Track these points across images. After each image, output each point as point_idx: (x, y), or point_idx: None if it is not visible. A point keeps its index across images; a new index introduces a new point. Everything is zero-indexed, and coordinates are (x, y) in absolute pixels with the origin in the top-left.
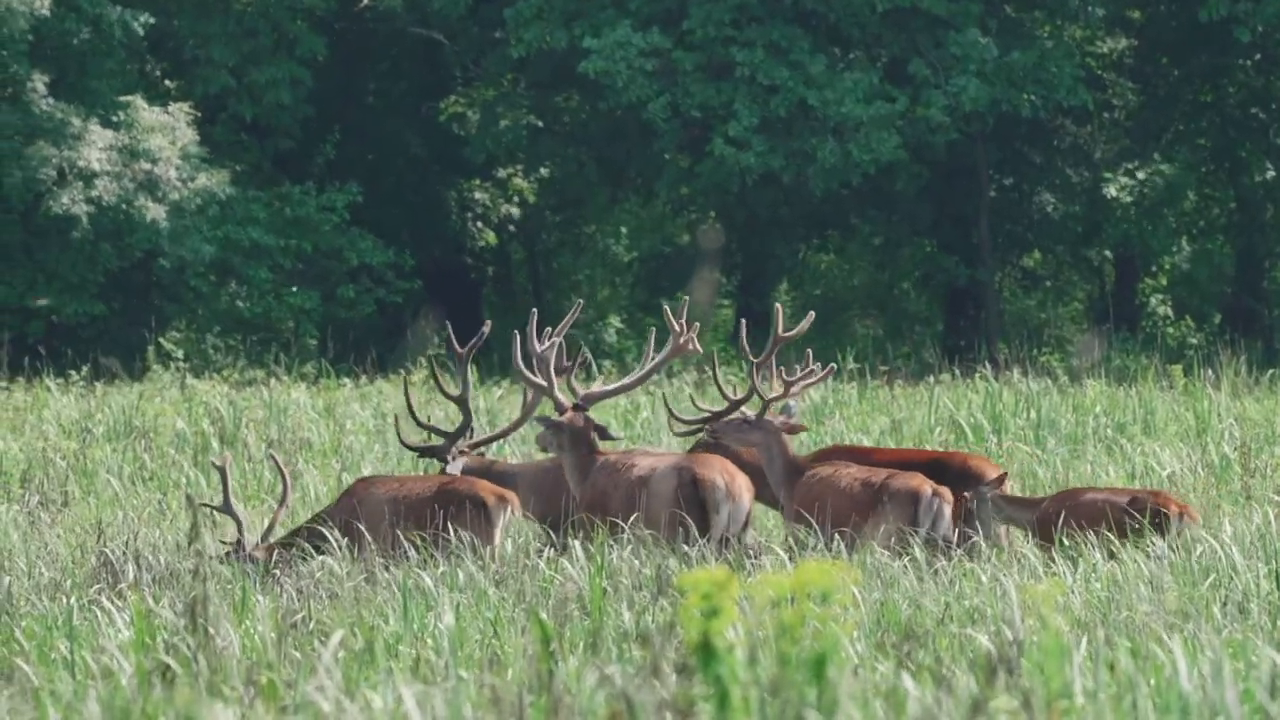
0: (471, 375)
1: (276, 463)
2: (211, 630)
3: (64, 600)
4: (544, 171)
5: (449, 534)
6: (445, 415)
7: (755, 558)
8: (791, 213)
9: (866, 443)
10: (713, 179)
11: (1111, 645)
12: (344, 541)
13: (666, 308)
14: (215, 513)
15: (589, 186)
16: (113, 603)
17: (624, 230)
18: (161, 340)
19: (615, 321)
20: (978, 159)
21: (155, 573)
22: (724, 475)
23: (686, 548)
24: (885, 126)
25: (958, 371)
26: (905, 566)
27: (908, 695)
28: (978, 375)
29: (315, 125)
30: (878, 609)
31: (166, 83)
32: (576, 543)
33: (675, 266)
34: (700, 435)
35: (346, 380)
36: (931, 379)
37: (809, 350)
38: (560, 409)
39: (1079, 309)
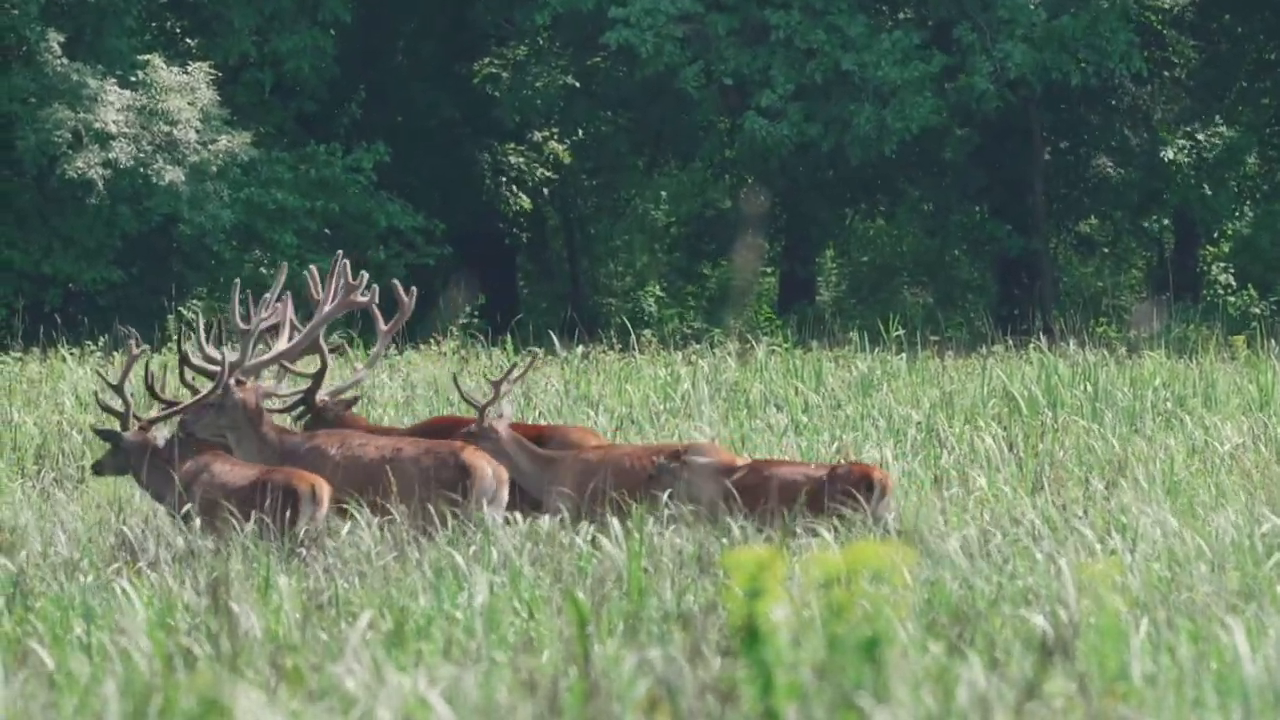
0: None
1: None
2: (234, 611)
3: (80, 580)
4: (580, 134)
5: (275, 521)
6: (480, 385)
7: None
8: (836, 177)
9: (916, 417)
10: (750, 147)
11: (1171, 627)
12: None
13: (339, 255)
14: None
15: (626, 151)
16: (131, 582)
17: (664, 195)
18: (182, 309)
19: (655, 289)
20: (1031, 121)
21: (176, 551)
22: (491, 464)
23: (733, 524)
24: (921, 90)
25: (1011, 342)
26: (956, 546)
27: (959, 678)
28: (1032, 346)
29: (341, 85)
30: (928, 589)
31: (187, 41)
32: (614, 520)
33: (717, 232)
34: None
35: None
36: (984, 350)
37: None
38: (223, 387)
39: (1137, 277)
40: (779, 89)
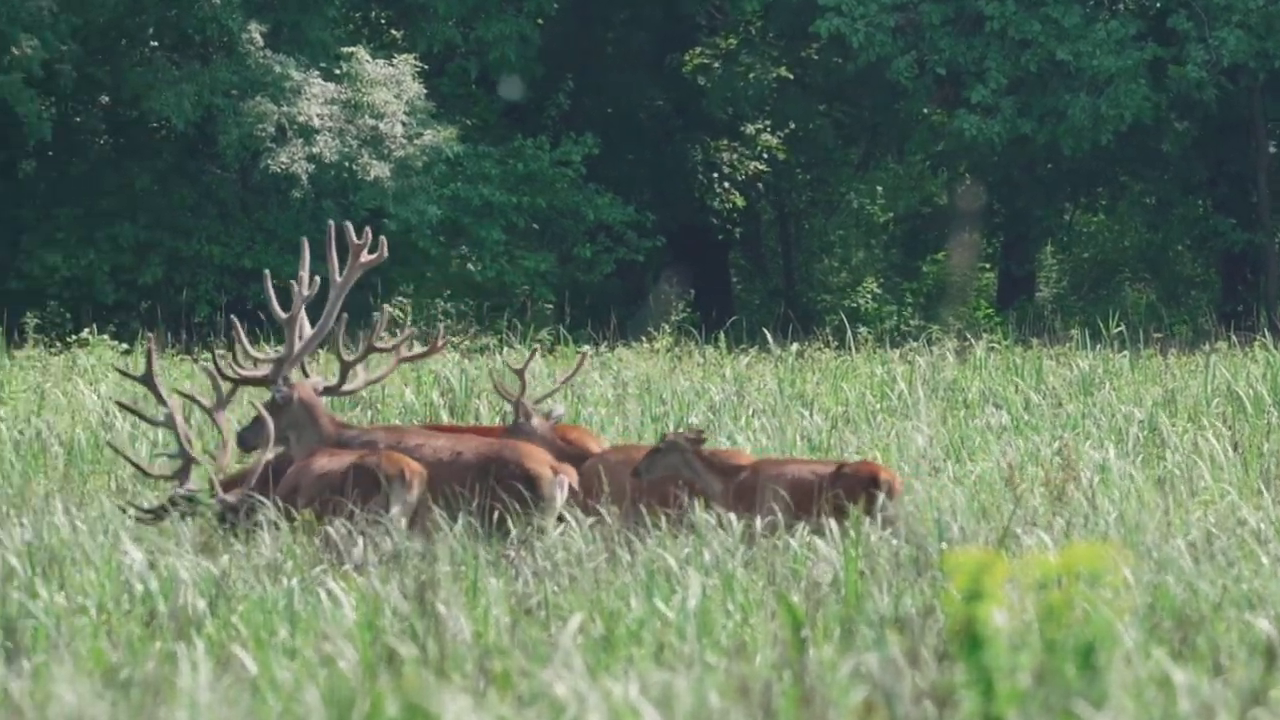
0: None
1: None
2: (442, 614)
3: (284, 583)
4: (792, 126)
5: (364, 509)
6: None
7: None
8: (1054, 171)
9: (1139, 416)
10: (961, 142)
11: None
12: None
13: (332, 225)
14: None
15: (840, 144)
16: (338, 585)
17: (880, 189)
18: (387, 305)
19: (872, 286)
20: (1254, 113)
21: (382, 553)
22: (551, 467)
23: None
24: (1134, 78)
25: (1236, 339)
26: (1180, 548)
27: (1181, 685)
28: (1257, 344)
29: (549, 76)
30: (1151, 593)
31: (393, 32)
32: (831, 521)
33: (933, 227)
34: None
35: (585, 347)
36: (1208, 347)
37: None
38: (282, 389)
39: None
40: (992, 82)
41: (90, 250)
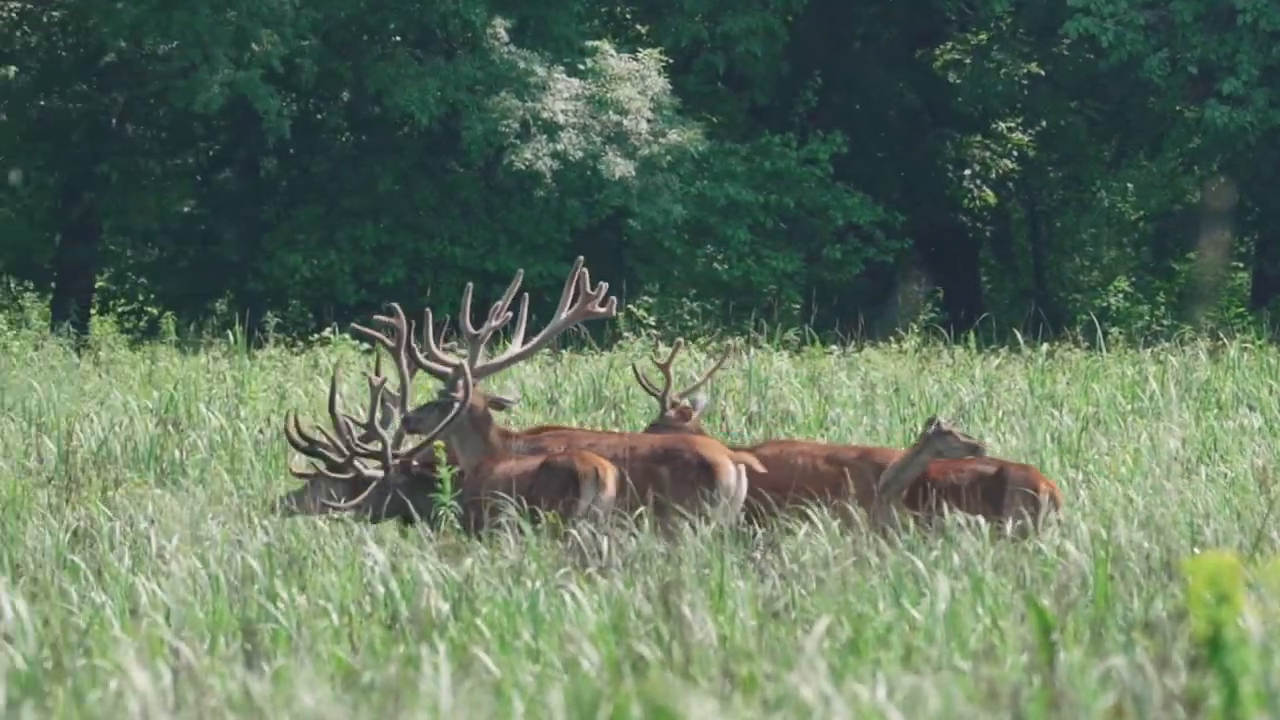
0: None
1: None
2: (687, 616)
3: (528, 585)
4: (1043, 124)
5: (546, 507)
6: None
7: None
8: None
9: None
10: (1212, 137)
11: None
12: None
13: (580, 263)
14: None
15: (1092, 141)
16: (581, 587)
17: (1130, 187)
18: (632, 306)
19: (1123, 285)
20: None
21: (626, 555)
22: (732, 459)
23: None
24: None
25: None
26: None
27: None
28: None
29: (795, 73)
30: None
31: (638, 27)
32: (1083, 523)
33: (1185, 226)
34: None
35: (833, 348)
36: None
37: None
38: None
39: None
40: (1244, 74)
41: (331, 251)
